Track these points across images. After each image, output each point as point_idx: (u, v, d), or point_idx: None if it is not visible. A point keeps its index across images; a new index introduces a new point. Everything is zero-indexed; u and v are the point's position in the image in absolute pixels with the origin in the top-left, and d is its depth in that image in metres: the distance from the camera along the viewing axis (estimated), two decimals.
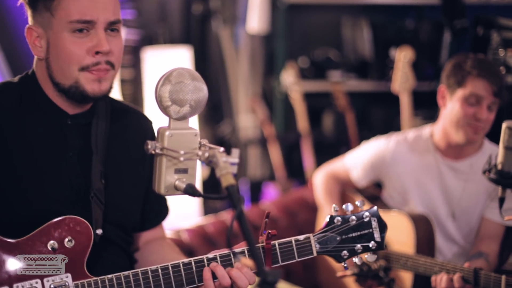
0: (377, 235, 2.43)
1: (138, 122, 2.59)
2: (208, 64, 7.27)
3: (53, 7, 2.24)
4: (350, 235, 2.40)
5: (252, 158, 7.32)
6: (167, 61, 5.35)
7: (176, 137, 1.98)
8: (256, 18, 6.63)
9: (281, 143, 6.79)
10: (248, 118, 7.11)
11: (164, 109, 2.00)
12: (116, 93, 5.02)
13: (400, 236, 3.51)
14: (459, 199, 3.57)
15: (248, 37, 6.97)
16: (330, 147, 6.66)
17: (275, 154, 6.57)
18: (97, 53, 2.25)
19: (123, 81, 5.98)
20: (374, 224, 2.43)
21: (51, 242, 2.21)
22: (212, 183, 6.14)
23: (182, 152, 1.95)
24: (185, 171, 1.99)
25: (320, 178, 4.02)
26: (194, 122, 5.69)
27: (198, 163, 2.01)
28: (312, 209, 4.40)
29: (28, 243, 2.20)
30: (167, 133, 1.98)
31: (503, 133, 2.88)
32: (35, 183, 2.31)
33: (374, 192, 4.00)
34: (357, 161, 3.84)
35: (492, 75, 3.37)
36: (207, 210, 6.17)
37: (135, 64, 6.22)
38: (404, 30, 6.54)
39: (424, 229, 3.49)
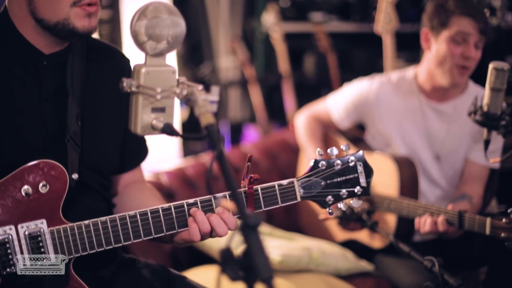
0: (362, 180, 2.35)
1: (115, 60, 2.47)
2: (188, 5, 7.14)
3: None
4: (335, 180, 2.32)
5: (233, 99, 7.26)
6: (145, 1, 5.21)
7: (152, 74, 1.88)
8: None
9: (261, 84, 6.73)
10: (228, 60, 7.03)
11: (140, 45, 1.89)
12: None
13: (383, 178, 3.46)
14: (442, 141, 3.52)
15: None
16: (312, 89, 6.61)
17: (256, 95, 6.50)
18: None
19: (100, 21, 5.85)
20: (360, 168, 2.35)
21: (25, 187, 2.12)
22: (191, 125, 6.07)
23: (159, 89, 1.86)
24: (162, 110, 1.90)
25: (302, 120, 3.96)
26: (173, 63, 5.59)
27: (176, 101, 1.92)
28: (293, 151, 4.34)
29: (1, 188, 2.11)
30: (143, 70, 1.88)
31: (489, 74, 2.83)
32: (8, 126, 2.20)
33: (356, 134, 3.95)
34: (339, 103, 3.77)
35: (476, 12, 3.30)
36: (187, 152, 6.10)
37: (113, 4, 6.09)
38: None
39: (408, 172, 3.44)
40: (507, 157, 3.12)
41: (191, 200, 2.20)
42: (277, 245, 3.33)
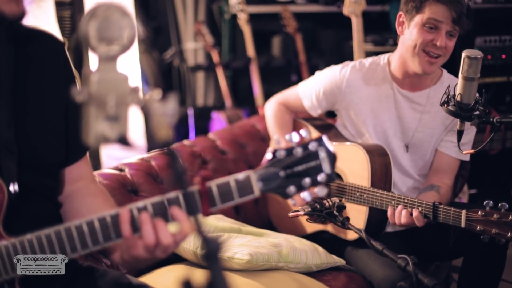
0: (325, 167, 2.15)
1: (46, 46, 2.28)
2: None
3: None
4: (296, 169, 2.11)
5: (200, 85, 7.15)
6: None
7: (104, 81, 1.74)
8: None
9: (228, 68, 6.62)
10: (195, 44, 6.92)
11: (91, 49, 1.75)
12: (52, 17, 4.75)
13: (355, 168, 3.38)
14: (414, 131, 3.46)
15: None
16: (280, 71, 6.53)
17: (223, 80, 6.40)
18: None
19: (60, 4, 5.67)
20: (322, 154, 2.13)
21: None
22: None
23: (111, 98, 1.72)
24: (116, 119, 1.75)
25: (271, 108, 3.89)
26: (137, 48, 5.47)
27: (131, 108, 1.78)
28: (262, 139, 4.24)
29: None
30: (93, 77, 1.74)
31: (462, 63, 2.76)
32: None
33: (328, 120, 3.88)
34: (311, 90, 3.69)
35: (452, 1, 3.20)
36: (152, 142, 5.98)
37: None
38: None
39: (380, 161, 3.35)
40: (478, 141, 3.08)
41: (140, 204, 1.99)
42: (245, 242, 3.22)
